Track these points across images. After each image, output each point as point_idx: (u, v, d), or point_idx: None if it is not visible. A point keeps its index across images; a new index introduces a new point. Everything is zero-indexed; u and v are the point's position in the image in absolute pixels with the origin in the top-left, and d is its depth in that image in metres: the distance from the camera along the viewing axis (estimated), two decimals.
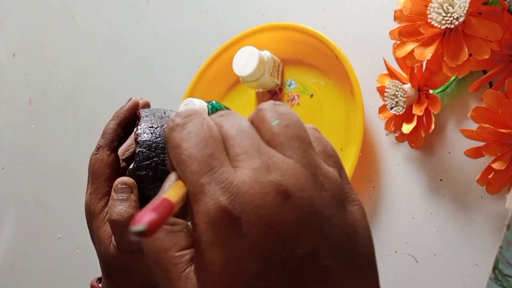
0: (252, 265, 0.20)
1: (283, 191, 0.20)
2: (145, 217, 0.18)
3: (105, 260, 0.41)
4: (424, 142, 0.52)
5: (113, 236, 0.40)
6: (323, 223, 0.21)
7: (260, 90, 0.66)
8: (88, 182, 0.43)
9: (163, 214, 0.19)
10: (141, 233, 0.18)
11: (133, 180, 0.39)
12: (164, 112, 0.44)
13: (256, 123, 0.23)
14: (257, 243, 0.20)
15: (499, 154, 0.45)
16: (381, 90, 0.54)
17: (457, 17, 0.43)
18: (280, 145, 0.22)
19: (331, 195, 0.22)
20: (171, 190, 0.21)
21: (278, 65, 0.64)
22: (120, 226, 0.38)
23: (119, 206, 0.38)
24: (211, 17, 0.75)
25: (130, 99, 0.46)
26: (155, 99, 0.78)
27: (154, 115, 0.42)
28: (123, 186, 0.39)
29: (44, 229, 0.86)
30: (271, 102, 0.24)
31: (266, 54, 0.62)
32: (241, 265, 0.20)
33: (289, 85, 0.65)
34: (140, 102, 0.46)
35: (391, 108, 0.52)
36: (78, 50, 0.91)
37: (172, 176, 0.23)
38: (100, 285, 0.42)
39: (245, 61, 0.60)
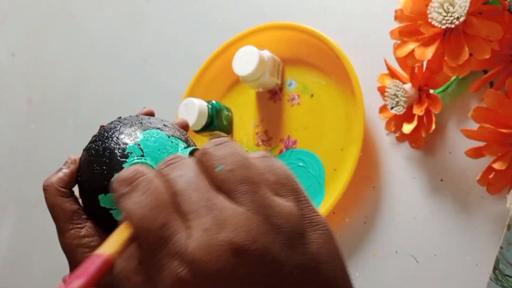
0: None
1: (235, 248, 0.20)
2: (72, 285, 0.18)
3: None
4: (424, 142, 0.52)
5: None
6: (280, 267, 0.21)
7: (260, 89, 0.66)
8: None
9: (94, 275, 0.19)
10: None
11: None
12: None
13: (203, 168, 0.24)
14: None
15: (499, 154, 0.45)
16: (382, 90, 0.54)
17: (458, 17, 0.43)
18: (228, 191, 0.22)
19: (288, 234, 0.22)
20: (111, 239, 0.21)
21: (278, 65, 0.64)
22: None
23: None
24: (211, 17, 0.75)
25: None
26: (155, 99, 0.78)
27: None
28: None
29: (44, 229, 0.86)
30: (213, 142, 0.24)
31: (266, 53, 0.62)
32: None
33: (289, 85, 0.64)
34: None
35: (392, 108, 0.52)
36: (78, 50, 0.90)
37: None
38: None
39: (245, 61, 0.60)
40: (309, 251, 0.22)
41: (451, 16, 0.44)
